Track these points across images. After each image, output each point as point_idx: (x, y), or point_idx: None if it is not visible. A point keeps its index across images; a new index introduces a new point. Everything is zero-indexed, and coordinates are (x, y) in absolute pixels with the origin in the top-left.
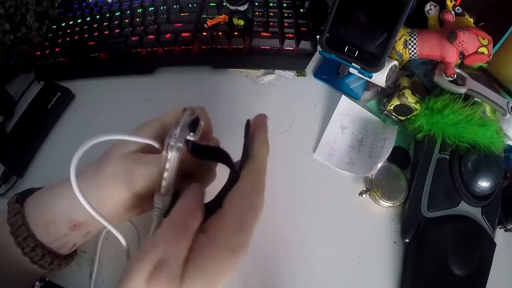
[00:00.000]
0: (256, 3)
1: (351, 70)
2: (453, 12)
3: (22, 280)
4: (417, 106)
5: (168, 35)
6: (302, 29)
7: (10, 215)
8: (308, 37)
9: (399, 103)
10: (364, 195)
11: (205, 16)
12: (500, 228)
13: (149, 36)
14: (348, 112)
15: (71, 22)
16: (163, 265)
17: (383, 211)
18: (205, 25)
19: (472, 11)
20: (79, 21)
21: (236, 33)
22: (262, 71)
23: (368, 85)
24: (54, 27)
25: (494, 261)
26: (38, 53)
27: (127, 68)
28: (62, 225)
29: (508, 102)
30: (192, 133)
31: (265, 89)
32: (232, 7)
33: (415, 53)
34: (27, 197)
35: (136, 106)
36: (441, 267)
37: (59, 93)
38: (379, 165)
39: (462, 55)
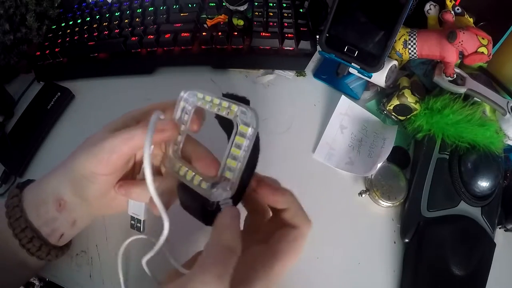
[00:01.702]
0: (256, 3)
1: (351, 70)
2: (452, 12)
3: (14, 273)
4: (417, 106)
5: (167, 35)
6: (301, 29)
7: (8, 198)
8: (308, 37)
9: (398, 103)
10: (363, 195)
11: (204, 16)
12: (500, 228)
13: (148, 36)
14: (348, 112)
15: (71, 22)
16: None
17: (382, 211)
18: (205, 25)
19: (472, 11)
20: (78, 21)
21: (236, 33)
22: (261, 71)
23: (368, 85)
24: (54, 27)
25: (494, 261)
26: (38, 53)
27: (127, 68)
28: (51, 205)
29: (508, 102)
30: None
31: (265, 89)
32: (231, 7)
33: (414, 53)
34: (27, 185)
35: (136, 106)
36: (441, 267)
37: (59, 93)
38: (379, 165)
39: (462, 55)
